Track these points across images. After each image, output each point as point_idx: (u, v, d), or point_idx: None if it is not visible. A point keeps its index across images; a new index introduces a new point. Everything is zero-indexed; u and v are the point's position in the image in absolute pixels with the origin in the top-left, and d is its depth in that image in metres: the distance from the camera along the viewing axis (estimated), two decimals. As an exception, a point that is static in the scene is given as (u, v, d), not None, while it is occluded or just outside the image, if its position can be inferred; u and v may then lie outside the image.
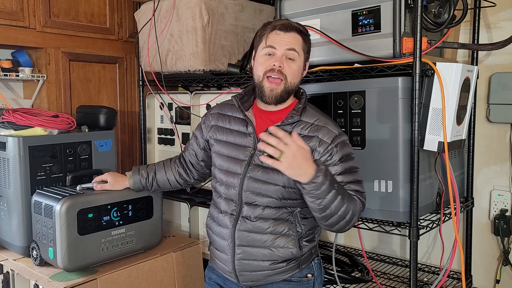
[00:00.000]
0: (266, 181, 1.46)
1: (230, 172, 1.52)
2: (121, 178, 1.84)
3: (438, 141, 1.65)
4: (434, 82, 1.65)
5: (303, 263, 1.52)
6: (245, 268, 1.50)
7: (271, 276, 1.50)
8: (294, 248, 1.47)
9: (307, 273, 1.53)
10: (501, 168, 2.12)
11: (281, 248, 1.47)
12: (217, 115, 1.62)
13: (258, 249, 1.48)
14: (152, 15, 2.32)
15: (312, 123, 1.47)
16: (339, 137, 1.46)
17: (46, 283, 1.69)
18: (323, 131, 1.45)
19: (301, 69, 1.51)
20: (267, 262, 1.48)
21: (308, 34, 1.51)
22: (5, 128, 1.91)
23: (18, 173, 1.85)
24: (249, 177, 1.47)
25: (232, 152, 1.53)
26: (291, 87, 1.46)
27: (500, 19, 2.07)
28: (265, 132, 1.33)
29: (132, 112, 2.72)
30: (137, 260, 1.90)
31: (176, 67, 2.27)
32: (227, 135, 1.56)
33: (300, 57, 1.47)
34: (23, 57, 2.31)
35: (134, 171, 1.82)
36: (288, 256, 1.48)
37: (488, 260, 2.17)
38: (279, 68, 1.44)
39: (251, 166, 1.48)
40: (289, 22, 1.48)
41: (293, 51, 1.44)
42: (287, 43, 1.44)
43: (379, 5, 1.71)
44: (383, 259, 2.38)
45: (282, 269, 1.49)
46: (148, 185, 1.81)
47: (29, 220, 1.85)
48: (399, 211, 1.69)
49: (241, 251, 1.49)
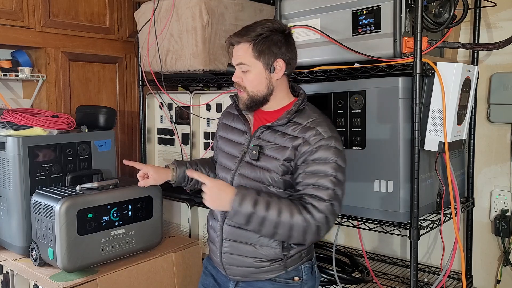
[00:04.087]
0: (253, 179, 1.50)
1: (225, 168, 1.59)
2: (162, 171, 1.75)
3: (438, 141, 1.65)
4: (434, 82, 1.65)
5: (290, 265, 1.52)
6: (231, 262, 1.54)
7: (256, 274, 1.52)
8: (278, 248, 1.49)
9: (294, 276, 1.53)
10: (501, 168, 2.11)
11: (265, 246, 1.49)
12: (226, 114, 1.69)
13: (243, 245, 1.51)
14: (152, 15, 2.32)
15: (304, 124, 1.47)
16: (326, 140, 1.43)
17: (46, 283, 1.68)
18: (310, 132, 1.44)
19: (262, 75, 1.50)
20: (251, 258, 1.51)
21: (260, 37, 1.47)
22: (5, 128, 1.91)
23: (18, 173, 1.85)
24: (239, 173, 1.53)
25: (230, 149, 1.60)
26: (256, 94, 1.51)
27: (500, 19, 2.07)
28: (189, 170, 1.57)
29: (132, 112, 2.71)
30: (137, 260, 1.90)
31: (176, 67, 2.27)
32: (229, 133, 1.63)
33: (254, 66, 1.49)
34: (22, 57, 2.31)
35: (178, 163, 1.76)
36: (272, 255, 1.50)
37: (489, 260, 2.17)
38: (237, 81, 1.53)
39: (242, 163, 1.53)
40: (237, 33, 1.51)
41: (241, 64, 1.50)
42: (236, 58, 1.52)
43: (379, 5, 1.71)
44: (384, 259, 2.38)
45: (266, 268, 1.51)
46: (190, 178, 1.75)
47: (29, 220, 1.85)
48: (399, 211, 1.68)
49: (228, 245, 1.54)
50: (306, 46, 1.90)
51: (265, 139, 1.50)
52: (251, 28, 1.49)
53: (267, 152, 1.48)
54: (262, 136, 1.50)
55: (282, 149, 1.45)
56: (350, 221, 1.87)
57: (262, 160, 1.48)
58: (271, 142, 1.48)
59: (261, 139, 1.50)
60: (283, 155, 1.44)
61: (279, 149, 1.46)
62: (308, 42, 1.91)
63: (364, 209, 1.77)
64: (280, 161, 1.44)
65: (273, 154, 1.46)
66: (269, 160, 1.47)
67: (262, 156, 1.48)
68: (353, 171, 1.76)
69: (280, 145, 1.46)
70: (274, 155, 1.46)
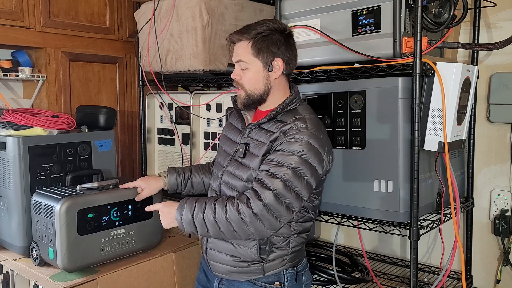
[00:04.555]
0: (235, 175, 1.53)
1: (218, 165, 1.64)
2: (153, 181, 1.83)
3: (438, 141, 1.65)
4: (434, 82, 1.65)
5: (269, 269, 1.52)
6: (213, 258, 1.59)
7: (235, 273, 1.54)
8: (254, 249, 1.49)
9: (275, 281, 1.53)
10: (501, 168, 2.11)
11: (242, 246, 1.51)
12: (233, 113, 1.73)
13: (223, 242, 1.54)
14: (152, 15, 2.32)
15: (288, 122, 1.48)
16: (299, 133, 1.43)
17: (46, 283, 1.68)
18: (287, 126, 1.47)
19: (261, 73, 1.52)
20: (230, 257, 1.54)
21: (259, 36, 1.49)
22: (5, 128, 1.91)
23: (18, 173, 1.85)
24: (227, 170, 1.57)
25: (226, 147, 1.64)
26: (253, 93, 1.54)
27: (500, 19, 2.07)
28: (148, 207, 1.67)
29: (132, 112, 2.72)
30: (137, 260, 1.90)
31: (176, 67, 2.27)
32: (230, 132, 1.67)
33: (253, 64, 1.51)
34: (23, 57, 2.31)
35: (170, 170, 1.81)
36: (249, 256, 1.51)
37: (489, 260, 2.17)
38: (236, 79, 1.56)
39: (231, 160, 1.56)
40: (237, 31, 1.54)
41: (241, 62, 1.53)
42: (236, 55, 1.55)
43: (379, 5, 1.71)
44: (383, 259, 2.38)
45: (244, 269, 1.52)
46: (182, 184, 1.81)
47: (29, 220, 1.85)
48: (399, 211, 1.68)
49: (210, 241, 1.59)
50: (306, 46, 1.90)
51: (252, 137, 1.53)
52: (252, 27, 1.52)
53: (251, 149, 1.51)
54: (251, 134, 1.54)
55: (262, 145, 1.48)
56: (350, 221, 1.87)
57: (247, 157, 1.51)
58: (256, 139, 1.51)
59: (249, 137, 1.54)
60: (262, 151, 1.47)
61: (259, 145, 1.49)
62: (308, 42, 1.91)
63: (364, 209, 1.77)
64: (259, 157, 1.47)
65: (255, 151, 1.49)
66: (252, 157, 1.49)
67: (247, 154, 1.51)
68: (353, 171, 1.77)
69: (261, 141, 1.49)
70: (255, 152, 1.49)
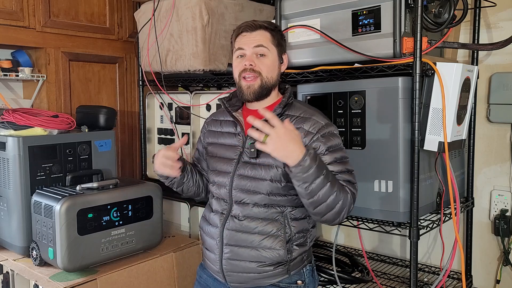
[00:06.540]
0: (254, 177, 1.47)
1: (221, 172, 1.55)
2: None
3: (438, 141, 1.65)
4: (434, 82, 1.65)
5: (293, 268, 1.49)
6: (232, 268, 1.50)
7: (258, 279, 1.48)
8: (282, 250, 1.45)
9: (297, 280, 1.51)
10: (501, 168, 2.11)
11: (268, 249, 1.45)
12: (211, 122, 1.67)
13: (245, 249, 1.47)
14: (152, 15, 2.32)
15: (298, 115, 1.48)
16: (326, 127, 1.45)
17: (46, 283, 1.68)
18: (308, 122, 1.45)
19: (276, 63, 1.53)
20: (254, 263, 1.47)
21: (276, 29, 1.53)
22: (5, 128, 1.91)
23: (18, 173, 1.85)
24: (238, 175, 1.49)
25: (223, 152, 1.56)
26: (268, 81, 1.49)
27: (500, 19, 2.07)
28: (252, 116, 1.31)
29: (132, 112, 2.72)
30: (137, 260, 1.90)
31: (176, 67, 2.27)
32: (219, 138, 1.60)
33: (272, 52, 1.50)
34: (23, 57, 2.31)
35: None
36: (276, 258, 1.46)
37: (489, 260, 2.17)
38: (251, 66, 1.48)
39: (240, 164, 1.50)
40: (253, 22, 1.51)
41: (261, 47, 1.48)
42: (253, 41, 1.49)
43: (379, 5, 1.71)
44: (383, 259, 2.38)
45: (269, 273, 1.47)
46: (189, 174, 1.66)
47: (29, 220, 1.85)
48: (399, 211, 1.68)
49: (228, 251, 1.49)
50: (306, 46, 1.90)
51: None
52: (262, 21, 1.52)
53: None
54: None
55: None
56: (350, 221, 1.87)
57: (262, 156, 1.46)
58: None
59: None
60: None
61: None
62: (308, 42, 1.91)
63: (364, 209, 1.77)
64: None
65: None
66: (269, 155, 1.36)
67: (261, 153, 1.45)
68: (353, 171, 1.77)
69: None
70: None
